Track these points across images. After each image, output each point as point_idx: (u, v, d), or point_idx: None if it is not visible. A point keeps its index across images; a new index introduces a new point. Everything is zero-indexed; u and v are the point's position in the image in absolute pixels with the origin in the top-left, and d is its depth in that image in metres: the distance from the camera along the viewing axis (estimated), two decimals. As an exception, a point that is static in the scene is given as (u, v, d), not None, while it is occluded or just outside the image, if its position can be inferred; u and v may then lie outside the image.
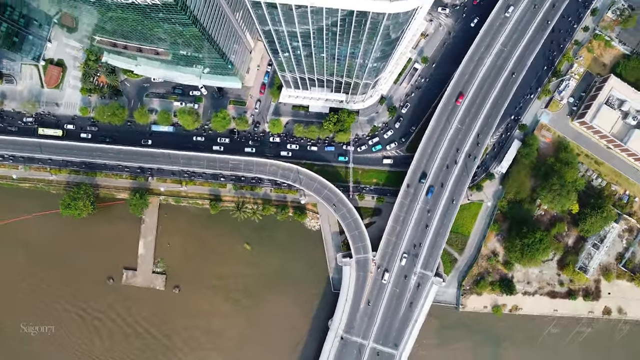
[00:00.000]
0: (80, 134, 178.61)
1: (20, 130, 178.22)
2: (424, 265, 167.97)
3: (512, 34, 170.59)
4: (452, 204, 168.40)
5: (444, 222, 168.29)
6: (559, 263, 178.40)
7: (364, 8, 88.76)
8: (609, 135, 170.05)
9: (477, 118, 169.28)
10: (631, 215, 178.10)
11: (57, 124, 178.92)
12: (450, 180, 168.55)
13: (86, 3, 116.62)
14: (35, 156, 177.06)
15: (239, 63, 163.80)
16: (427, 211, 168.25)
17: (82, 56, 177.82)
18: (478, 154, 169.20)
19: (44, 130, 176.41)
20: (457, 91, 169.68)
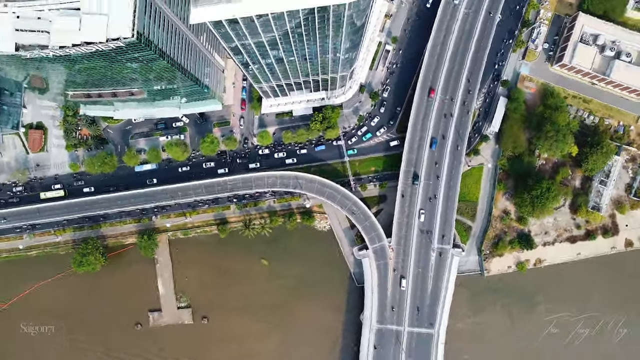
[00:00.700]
0: (82, 189, 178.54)
1: (19, 200, 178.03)
2: (440, 239, 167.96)
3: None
4: (453, 174, 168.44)
5: (449, 194, 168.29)
6: (571, 207, 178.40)
7: (323, 3, 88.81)
8: (591, 72, 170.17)
9: (458, 85, 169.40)
10: (631, 145, 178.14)
11: (50, 186, 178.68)
12: (446, 151, 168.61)
13: (51, 61, 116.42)
14: (37, 222, 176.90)
15: (214, 85, 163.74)
16: (430, 187, 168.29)
17: (60, 114, 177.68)
18: (467, 119, 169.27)
19: (46, 194, 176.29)
20: (432, 64, 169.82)
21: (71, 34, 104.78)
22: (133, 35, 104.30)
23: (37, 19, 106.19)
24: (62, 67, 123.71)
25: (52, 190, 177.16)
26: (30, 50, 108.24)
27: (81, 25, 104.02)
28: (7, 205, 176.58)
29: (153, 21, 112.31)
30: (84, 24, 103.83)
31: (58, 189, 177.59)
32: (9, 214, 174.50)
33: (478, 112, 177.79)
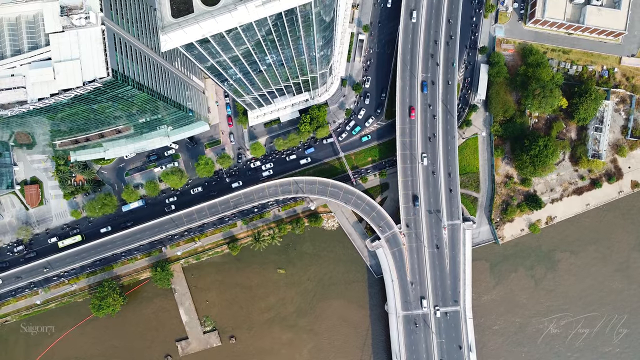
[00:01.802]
0: (100, 230, 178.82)
1: (34, 256, 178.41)
2: (449, 215, 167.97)
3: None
4: (450, 149, 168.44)
5: (449, 169, 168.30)
6: (571, 160, 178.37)
7: (288, 6, 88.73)
8: (565, 22, 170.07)
9: (437, 59, 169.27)
10: (618, 87, 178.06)
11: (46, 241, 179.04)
12: (439, 127, 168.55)
13: (32, 114, 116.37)
14: (48, 275, 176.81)
15: (197, 107, 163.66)
16: (429, 164, 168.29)
17: (52, 165, 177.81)
18: (452, 91, 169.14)
19: (64, 242, 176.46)
20: (407, 43, 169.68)
21: (47, 84, 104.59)
22: (108, 74, 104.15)
23: (11, 76, 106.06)
24: (44, 118, 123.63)
25: (69, 237, 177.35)
26: (10, 108, 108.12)
27: (55, 74, 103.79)
28: (19, 263, 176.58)
29: (125, 56, 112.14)
30: (58, 72, 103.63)
31: (75, 234, 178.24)
32: (20, 272, 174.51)
33: (462, 83, 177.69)
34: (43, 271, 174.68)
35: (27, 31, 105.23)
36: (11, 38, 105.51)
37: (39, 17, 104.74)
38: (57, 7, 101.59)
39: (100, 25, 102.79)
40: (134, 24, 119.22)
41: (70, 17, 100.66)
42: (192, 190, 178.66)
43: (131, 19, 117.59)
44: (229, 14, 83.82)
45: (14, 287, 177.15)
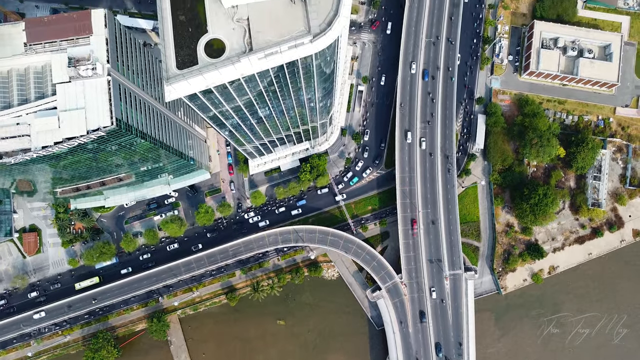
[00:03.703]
0: (120, 271, 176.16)
1: (21, 307, 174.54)
2: (451, 265, 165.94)
3: (431, 24, 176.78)
4: (449, 198, 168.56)
5: (449, 218, 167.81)
6: (571, 208, 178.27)
7: (290, 58, 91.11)
8: (559, 74, 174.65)
9: (435, 109, 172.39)
10: (614, 136, 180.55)
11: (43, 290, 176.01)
12: (438, 176, 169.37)
13: (35, 162, 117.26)
14: (41, 326, 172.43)
15: (198, 156, 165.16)
16: (430, 215, 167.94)
17: (51, 212, 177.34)
18: (451, 142, 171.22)
19: (81, 284, 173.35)
20: (406, 94, 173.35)
21: (52, 133, 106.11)
22: (112, 123, 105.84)
23: (17, 125, 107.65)
24: (47, 166, 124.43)
25: (86, 279, 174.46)
26: (13, 156, 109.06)
27: (60, 123, 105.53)
28: (8, 315, 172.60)
29: (130, 106, 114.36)
30: (63, 120, 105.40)
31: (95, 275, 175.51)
32: (13, 322, 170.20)
33: (461, 132, 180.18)
34: (35, 320, 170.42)
35: (35, 81, 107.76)
36: (19, 88, 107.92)
37: (47, 67, 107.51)
38: (65, 58, 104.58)
39: (107, 76, 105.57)
40: (139, 75, 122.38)
41: (77, 68, 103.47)
42: (168, 246, 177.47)
43: (137, 70, 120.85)
44: (232, 66, 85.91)
45: (4, 338, 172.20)
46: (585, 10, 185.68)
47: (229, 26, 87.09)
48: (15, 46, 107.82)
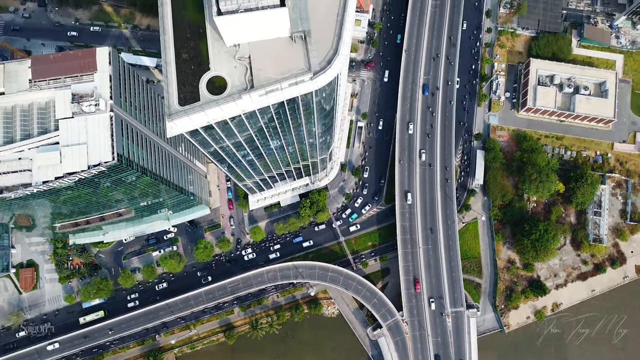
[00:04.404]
0: (127, 304, 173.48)
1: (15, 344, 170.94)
2: (452, 302, 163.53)
3: (429, 62, 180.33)
4: (450, 234, 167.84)
5: (450, 254, 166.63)
6: (573, 244, 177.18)
7: (291, 95, 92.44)
8: (556, 110, 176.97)
9: (434, 146, 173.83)
10: (613, 171, 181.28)
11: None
12: (438, 214, 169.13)
13: (35, 197, 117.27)
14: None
15: (198, 191, 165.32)
16: (431, 251, 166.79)
17: (49, 247, 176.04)
18: (451, 177, 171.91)
19: (86, 318, 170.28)
20: (404, 132, 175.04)
21: (53, 167, 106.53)
22: (114, 158, 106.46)
23: (18, 160, 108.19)
24: (47, 201, 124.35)
25: (92, 313, 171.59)
26: (14, 191, 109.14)
27: (62, 158, 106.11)
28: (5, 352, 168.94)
29: (131, 141, 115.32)
30: (65, 155, 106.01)
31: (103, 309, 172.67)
32: None
33: (460, 168, 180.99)
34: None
35: (38, 117, 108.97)
36: (22, 123, 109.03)
37: (50, 103, 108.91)
38: (69, 94, 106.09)
39: (109, 111, 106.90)
40: (142, 111, 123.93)
41: (80, 104, 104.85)
42: (158, 286, 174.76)
43: (139, 106, 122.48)
44: (234, 103, 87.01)
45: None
46: (580, 49, 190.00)
47: (231, 64, 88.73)
48: (21, 83, 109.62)
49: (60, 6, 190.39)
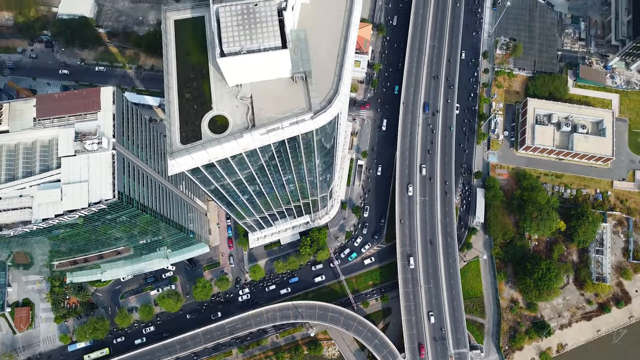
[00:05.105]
0: (134, 341, 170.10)
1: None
2: (455, 343, 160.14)
3: (428, 95, 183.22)
4: (452, 273, 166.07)
5: (452, 294, 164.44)
6: (576, 283, 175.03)
7: (291, 134, 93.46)
8: (555, 149, 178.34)
9: (434, 185, 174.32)
10: (613, 209, 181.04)
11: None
12: (439, 252, 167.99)
13: (34, 235, 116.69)
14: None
15: (198, 229, 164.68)
16: (432, 290, 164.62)
17: (46, 286, 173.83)
18: (451, 215, 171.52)
19: (90, 356, 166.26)
20: (404, 169, 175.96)
21: (54, 205, 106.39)
22: (114, 196, 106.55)
23: (19, 197, 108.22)
24: (45, 238, 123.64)
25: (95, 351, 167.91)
26: (13, 228, 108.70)
27: (63, 195, 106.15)
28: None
29: (132, 179, 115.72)
30: (65, 193, 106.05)
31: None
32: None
33: (460, 206, 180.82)
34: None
35: (40, 154, 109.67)
36: (25, 160, 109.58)
37: (54, 141, 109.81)
38: (72, 133, 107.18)
39: (112, 150, 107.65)
40: (144, 149, 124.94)
41: (83, 142, 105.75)
42: (144, 329, 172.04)
43: (141, 144, 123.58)
44: (235, 141, 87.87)
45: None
46: (576, 88, 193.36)
47: (233, 103, 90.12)
48: (25, 121, 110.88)
49: (66, 47, 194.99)
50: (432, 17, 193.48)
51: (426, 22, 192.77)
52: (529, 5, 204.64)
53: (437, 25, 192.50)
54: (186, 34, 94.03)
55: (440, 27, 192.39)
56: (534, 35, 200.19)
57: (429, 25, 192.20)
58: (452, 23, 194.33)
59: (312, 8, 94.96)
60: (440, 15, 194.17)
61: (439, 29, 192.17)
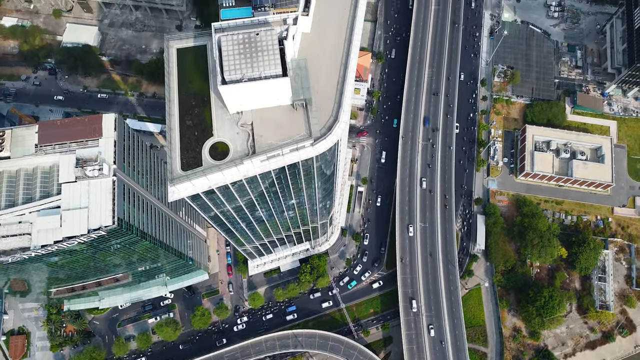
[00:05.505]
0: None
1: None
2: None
3: (428, 123, 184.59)
4: (453, 301, 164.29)
5: (454, 322, 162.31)
6: (579, 311, 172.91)
7: (291, 161, 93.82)
8: (554, 175, 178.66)
9: (434, 210, 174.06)
10: (615, 236, 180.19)
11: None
12: (441, 278, 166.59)
13: (33, 261, 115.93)
14: None
15: (198, 256, 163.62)
16: (434, 318, 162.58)
17: (43, 313, 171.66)
18: (452, 242, 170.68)
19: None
20: (405, 196, 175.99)
21: (53, 231, 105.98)
22: (114, 223, 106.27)
23: (19, 223, 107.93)
24: (44, 265, 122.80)
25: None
26: (12, 255, 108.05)
27: (62, 222, 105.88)
28: None
29: (132, 205, 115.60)
30: (65, 219, 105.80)
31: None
32: None
33: (461, 233, 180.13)
34: None
35: (41, 180, 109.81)
36: (25, 187, 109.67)
37: (54, 167, 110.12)
38: (74, 159, 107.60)
39: (112, 176, 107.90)
40: (144, 175, 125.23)
41: (84, 168, 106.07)
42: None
43: (142, 170, 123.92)
44: (236, 168, 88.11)
45: None
46: (574, 115, 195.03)
47: (234, 130, 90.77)
48: (27, 147, 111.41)
49: (69, 74, 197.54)
50: (430, 46, 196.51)
51: (424, 54, 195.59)
52: (525, 34, 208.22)
53: (435, 57, 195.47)
54: (188, 62, 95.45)
55: (438, 59, 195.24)
56: (531, 63, 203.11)
57: (427, 57, 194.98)
58: (450, 50, 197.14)
59: (313, 37, 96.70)
60: (438, 46, 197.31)
61: (437, 60, 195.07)
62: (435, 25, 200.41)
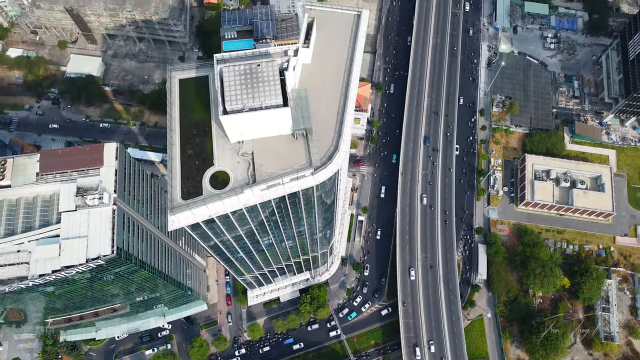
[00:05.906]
0: None
1: None
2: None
3: (427, 154, 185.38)
4: (455, 332, 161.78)
5: (457, 354, 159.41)
6: (584, 343, 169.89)
7: (292, 190, 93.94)
8: (555, 204, 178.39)
9: (435, 244, 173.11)
10: (617, 265, 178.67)
11: None
12: (442, 308, 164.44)
13: (30, 291, 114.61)
14: None
15: (197, 286, 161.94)
16: (436, 349, 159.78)
17: (39, 344, 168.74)
18: (453, 273, 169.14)
19: None
20: (405, 225, 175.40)
21: (51, 261, 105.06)
22: (113, 252, 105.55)
23: (17, 252, 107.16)
24: (41, 295, 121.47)
25: None
26: (9, 284, 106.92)
27: (61, 251, 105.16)
28: None
29: (132, 235, 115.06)
30: (64, 248, 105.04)
31: None
32: None
33: (462, 263, 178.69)
34: None
35: (41, 209, 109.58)
36: (25, 215, 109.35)
37: (55, 196, 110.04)
38: (74, 188, 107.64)
39: (112, 205, 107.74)
40: (144, 204, 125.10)
41: (84, 197, 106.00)
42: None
43: (142, 199, 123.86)
44: (236, 197, 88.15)
45: None
46: (573, 144, 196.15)
47: (234, 159, 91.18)
48: (28, 176, 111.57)
49: (72, 104, 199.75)
50: (429, 77, 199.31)
51: (423, 83, 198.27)
52: (523, 65, 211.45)
53: (434, 79, 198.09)
54: (190, 93, 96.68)
55: (438, 82, 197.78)
56: (529, 93, 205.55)
57: (426, 82, 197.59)
58: (449, 75, 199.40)
59: (313, 68, 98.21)
60: (437, 76, 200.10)
61: (437, 83, 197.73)
62: (434, 52, 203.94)
